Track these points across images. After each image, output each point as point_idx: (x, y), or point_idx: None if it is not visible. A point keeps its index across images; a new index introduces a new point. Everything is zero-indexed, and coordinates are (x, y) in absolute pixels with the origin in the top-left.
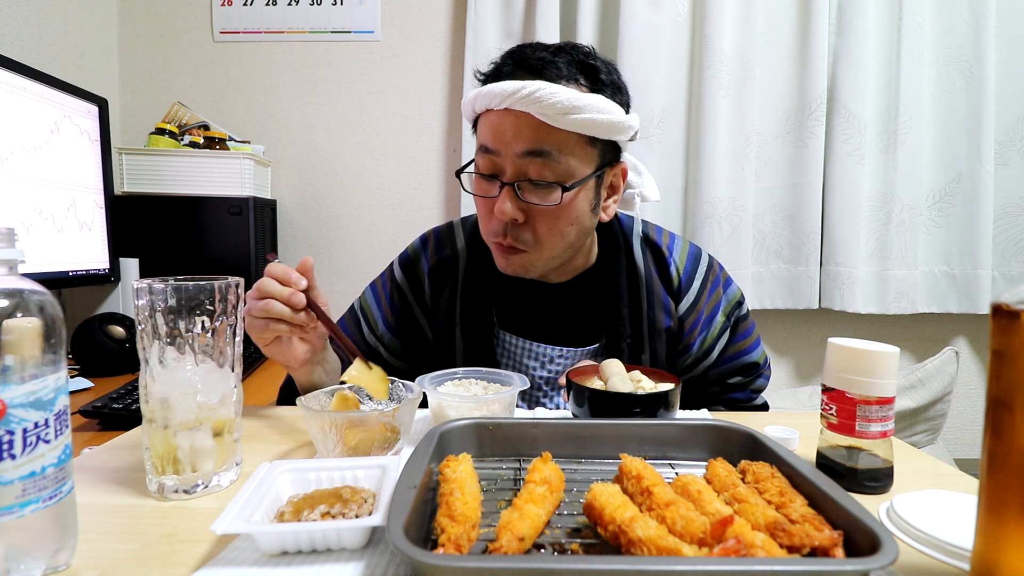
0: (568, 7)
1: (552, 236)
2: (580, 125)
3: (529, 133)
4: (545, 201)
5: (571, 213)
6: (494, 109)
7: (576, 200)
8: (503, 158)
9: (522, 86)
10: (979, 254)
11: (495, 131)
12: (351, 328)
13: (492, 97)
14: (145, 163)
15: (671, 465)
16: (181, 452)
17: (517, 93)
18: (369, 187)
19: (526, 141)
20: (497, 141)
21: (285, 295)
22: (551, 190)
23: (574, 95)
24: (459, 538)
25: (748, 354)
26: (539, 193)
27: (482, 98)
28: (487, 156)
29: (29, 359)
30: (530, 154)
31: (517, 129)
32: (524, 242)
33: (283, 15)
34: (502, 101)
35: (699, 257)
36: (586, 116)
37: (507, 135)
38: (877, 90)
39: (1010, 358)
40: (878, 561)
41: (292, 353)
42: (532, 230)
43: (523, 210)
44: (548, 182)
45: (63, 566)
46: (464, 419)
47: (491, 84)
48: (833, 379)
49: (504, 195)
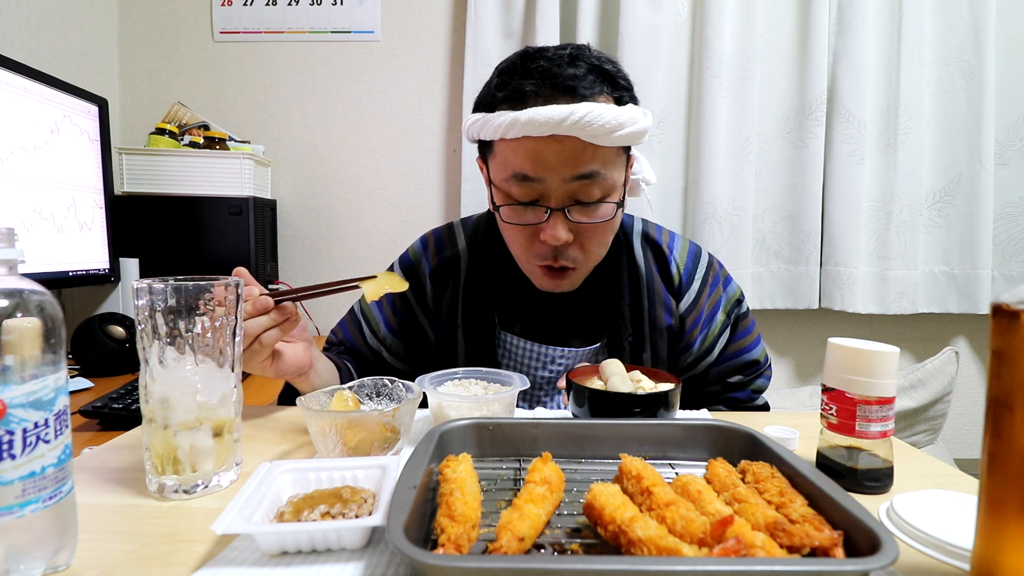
0: (568, 7)
1: (600, 248)
2: (623, 139)
3: (576, 157)
4: (594, 218)
5: (615, 223)
6: (532, 135)
7: (617, 213)
8: (547, 184)
9: (570, 111)
10: (979, 254)
11: (535, 158)
12: (352, 331)
13: (535, 126)
14: (145, 163)
15: (671, 465)
16: (181, 452)
17: (567, 120)
18: (369, 187)
19: (575, 166)
20: (539, 168)
21: (248, 309)
22: (600, 207)
23: (616, 112)
24: (459, 538)
25: (748, 352)
26: (588, 212)
27: (519, 127)
28: (527, 184)
29: (29, 359)
30: (580, 178)
31: (563, 155)
32: (574, 260)
33: (283, 15)
34: (551, 129)
35: (699, 255)
36: (627, 131)
37: (551, 161)
38: (877, 90)
39: (1010, 358)
40: (878, 561)
41: (296, 359)
42: (580, 247)
43: (572, 231)
44: (598, 200)
45: (63, 566)
46: (464, 419)
47: (529, 111)
48: (833, 379)
49: (556, 221)
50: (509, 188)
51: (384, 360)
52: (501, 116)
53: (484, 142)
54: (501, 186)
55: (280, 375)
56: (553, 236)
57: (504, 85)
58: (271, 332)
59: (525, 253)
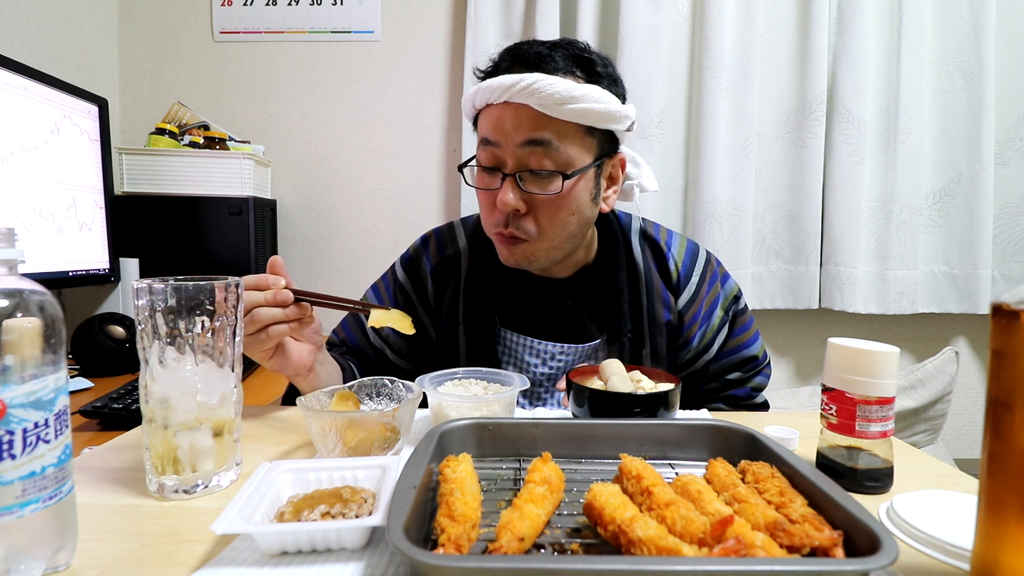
0: (568, 7)
1: (554, 225)
2: (578, 115)
3: (528, 123)
4: (546, 190)
5: (572, 202)
6: (494, 103)
7: (576, 189)
8: (504, 150)
9: (520, 79)
10: (979, 254)
11: (495, 124)
12: (354, 330)
13: (491, 91)
14: (145, 163)
15: (671, 465)
16: (181, 452)
17: (516, 86)
18: (369, 187)
19: (526, 131)
20: (497, 133)
21: (269, 297)
22: (552, 179)
23: (571, 85)
24: (459, 538)
25: (747, 348)
26: (540, 183)
27: (482, 93)
28: (488, 149)
29: (29, 359)
30: (530, 143)
31: (517, 120)
32: (526, 232)
33: (283, 15)
34: (501, 94)
35: (697, 252)
36: (583, 106)
37: (507, 126)
38: (877, 90)
39: (1010, 358)
40: (878, 561)
41: (298, 358)
42: (534, 220)
43: (525, 200)
44: (549, 171)
45: (63, 566)
46: (464, 419)
47: (490, 79)
48: (833, 379)
49: (506, 185)
50: (479, 155)
51: (387, 358)
52: (474, 87)
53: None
54: (467, 164)
55: (278, 370)
56: (502, 200)
57: (489, 66)
58: (280, 327)
59: (487, 222)
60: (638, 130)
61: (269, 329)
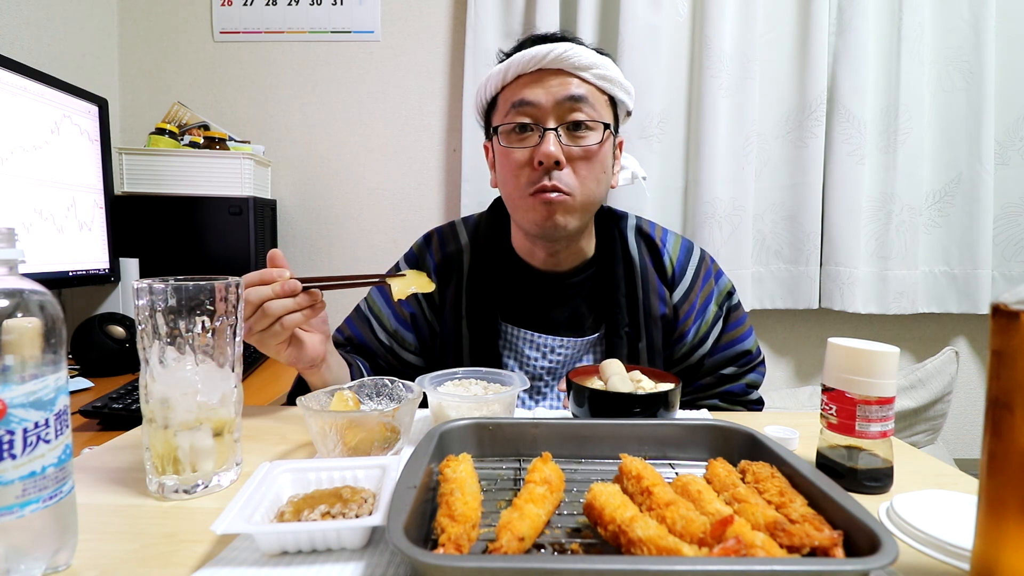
0: (568, 7)
1: (590, 180)
2: (601, 78)
3: (566, 84)
4: (585, 143)
5: (604, 160)
6: (526, 73)
7: (605, 149)
8: (542, 108)
9: (551, 48)
10: (979, 254)
11: (532, 87)
12: (361, 328)
13: (524, 63)
14: (145, 163)
15: (671, 465)
16: (181, 452)
17: (549, 54)
18: (369, 187)
19: (566, 88)
20: (536, 93)
21: (277, 289)
22: (591, 130)
23: (593, 54)
24: (459, 538)
25: (741, 342)
26: (579, 136)
27: (514, 66)
28: (525, 109)
29: (29, 359)
30: (570, 99)
31: (555, 82)
32: (568, 186)
33: (283, 15)
34: (536, 63)
35: (691, 249)
36: (605, 72)
37: (547, 85)
38: (877, 90)
39: (1010, 358)
40: (878, 561)
41: (312, 348)
42: (571, 174)
43: (565, 154)
44: (590, 122)
45: (63, 566)
46: (464, 419)
47: (518, 54)
48: (833, 379)
49: (549, 137)
50: (511, 119)
51: (396, 354)
52: (499, 66)
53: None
54: (504, 123)
55: (293, 362)
56: (545, 153)
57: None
58: (294, 316)
59: (520, 186)
60: (638, 130)
61: (283, 320)
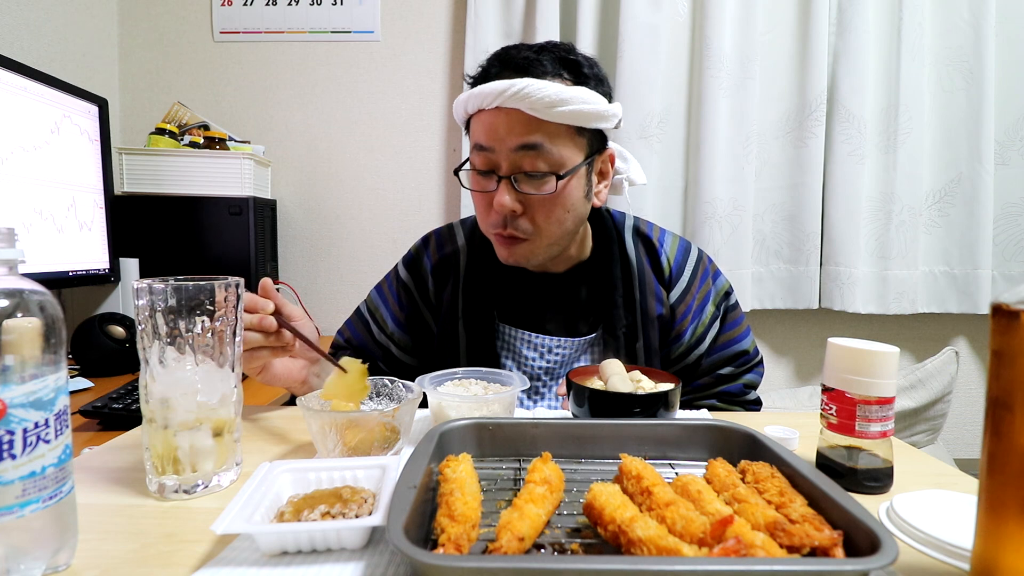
0: (568, 7)
1: (550, 224)
2: (568, 116)
3: (521, 128)
4: (541, 191)
5: (567, 200)
6: (485, 109)
7: (569, 188)
8: (498, 154)
9: (510, 84)
10: (979, 254)
11: (488, 129)
12: (360, 329)
13: (483, 97)
14: (145, 163)
15: (671, 465)
16: (181, 452)
17: (506, 91)
18: (369, 187)
19: (518, 136)
20: (491, 138)
21: (255, 322)
22: (546, 180)
23: (560, 88)
24: (459, 538)
25: (738, 342)
26: (535, 184)
27: (473, 99)
28: (482, 153)
29: (29, 359)
30: (523, 148)
31: (509, 125)
32: (524, 231)
33: (283, 15)
34: (492, 100)
35: (689, 249)
36: (572, 108)
37: (500, 132)
38: (877, 90)
39: (1010, 358)
40: (878, 561)
41: (287, 374)
42: (531, 219)
43: (521, 201)
44: (543, 172)
45: (63, 566)
46: (464, 419)
47: (480, 85)
48: (833, 379)
49: (502, 188)
50: (473, 159)
51: (392, 355)
52: (464, 94)
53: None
54: (462, 168)
55: (267, 384)
56: (499, 203)
57: (478, 72)
58: (263, 350)
59: (484, 223)
60: (638, 130)
61: (255, 352)
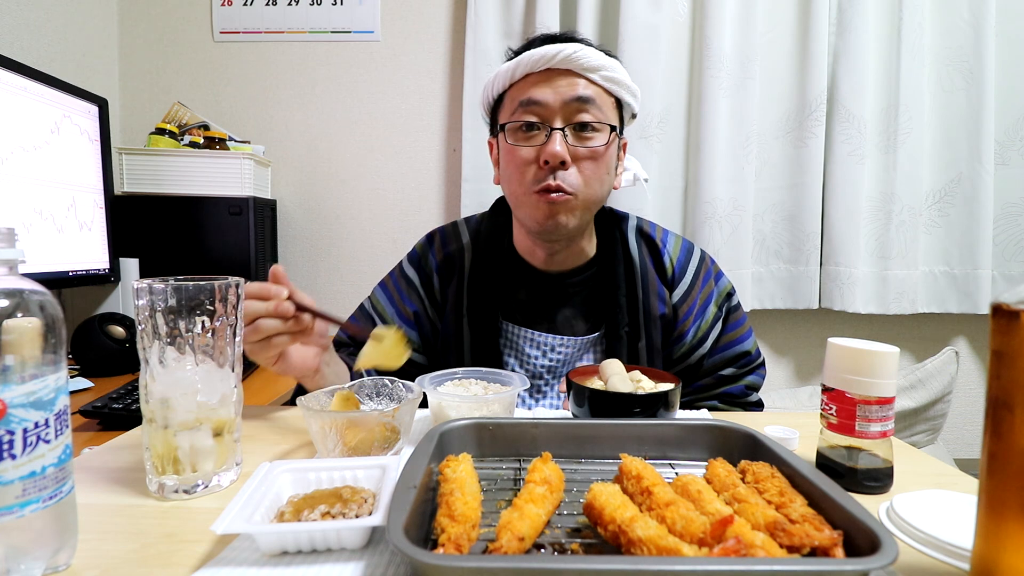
0: (568, 7)
1: (594, 180)
2: (609, 80)
3: (573, 85)
4: (591, 144)
5: (607, 161)
6: (534, 72)
7: (610, 150)
8: (551, 107)
9: (561, 48)
10: (979, 254)
11: (540, 86)
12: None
13: (533, 61)
14: (145, 163)
15: (671, 465)
16: (181, 452)
17: (559, 54)
18: (369, 187)
19: (573, 89)
20: (545, 92)
21: (271, 308)
22: (598, 132)
23: (602, 56)
24: (459, 538)
25: (740, 344)
26: (585, 137)
27: (523, 65)
28: (532, 108)
29: (29, 359)
30: (578, 100)
31: (563, 83)
32: (571, 185)
33: (283, 15)
34: (545, 63)
35: (691, 250)
36: (612, 74)
37: (556, 85)
38: (877, 90)
39: (1010, 358)
40: (878, 561)
41: (302, 363)
42: (575, 174)
43: (571, 154)
44: (596, 123)
45: (63, 566)
46: (464, 419)
47: (528, 52)
48: (833, 379)
49: (555, 137)
50: (518, 117)
51: None
52: (508, 64)
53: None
54: (511, 121)
55: (283, 373)
56: (551, 152)
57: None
58: (282, 337)
59: (525, 184)
60: (638, 130)
61: (272, 339)
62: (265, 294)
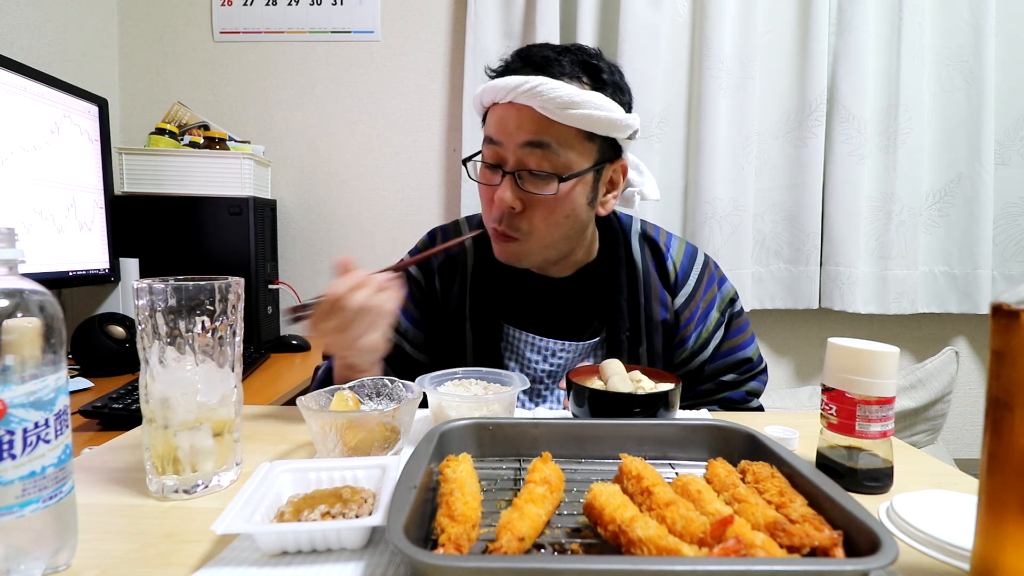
0: (568, 7)
1: (546, 226)
2: (578, 120)
3: (530, 125)
4: (542, 191)
5: (567, 205)
6: (499, 103)
7: (572, 193)
8: (505, 149)
9: (524, 80)
10: (979, 254)
11: (499, 123)
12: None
13: (497, 91)
14: (145, 163)
15: (671, 465)
16: (181, 452)
17: (520, 87)
18: (369, 187)
19: (527, 133)
20: (500, 132)
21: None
22: (548, 181)
23: (574, 91)
24: (459, 538)
25: (742, 350)
26: (537, 183)
27: (488, 92)
28: (491, 147)
29: (29, 359)
30: (530, 145)
31: (519, 121)
32: (518, 230)
33: (283, 15)
34: (506, 95)
35: (695, 255)
36: (584, 112)
37: (510, 126)
38: (877, 90)
39: (1010, 358)
40: (878, 561)
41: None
42: (528, 219)
43: (521, 199)
44: (546, 173)
45: (63, 566)
46: (464, 419)
47: (497, 79)
48: (833, 379)
49: (505, 183)
50: (483, 152)
51: (404, 352)
52: (485, 84)
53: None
54: (472, 159)
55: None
56: (500, 198)
57: (499, 66)
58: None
59: (486, 217)
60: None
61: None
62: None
